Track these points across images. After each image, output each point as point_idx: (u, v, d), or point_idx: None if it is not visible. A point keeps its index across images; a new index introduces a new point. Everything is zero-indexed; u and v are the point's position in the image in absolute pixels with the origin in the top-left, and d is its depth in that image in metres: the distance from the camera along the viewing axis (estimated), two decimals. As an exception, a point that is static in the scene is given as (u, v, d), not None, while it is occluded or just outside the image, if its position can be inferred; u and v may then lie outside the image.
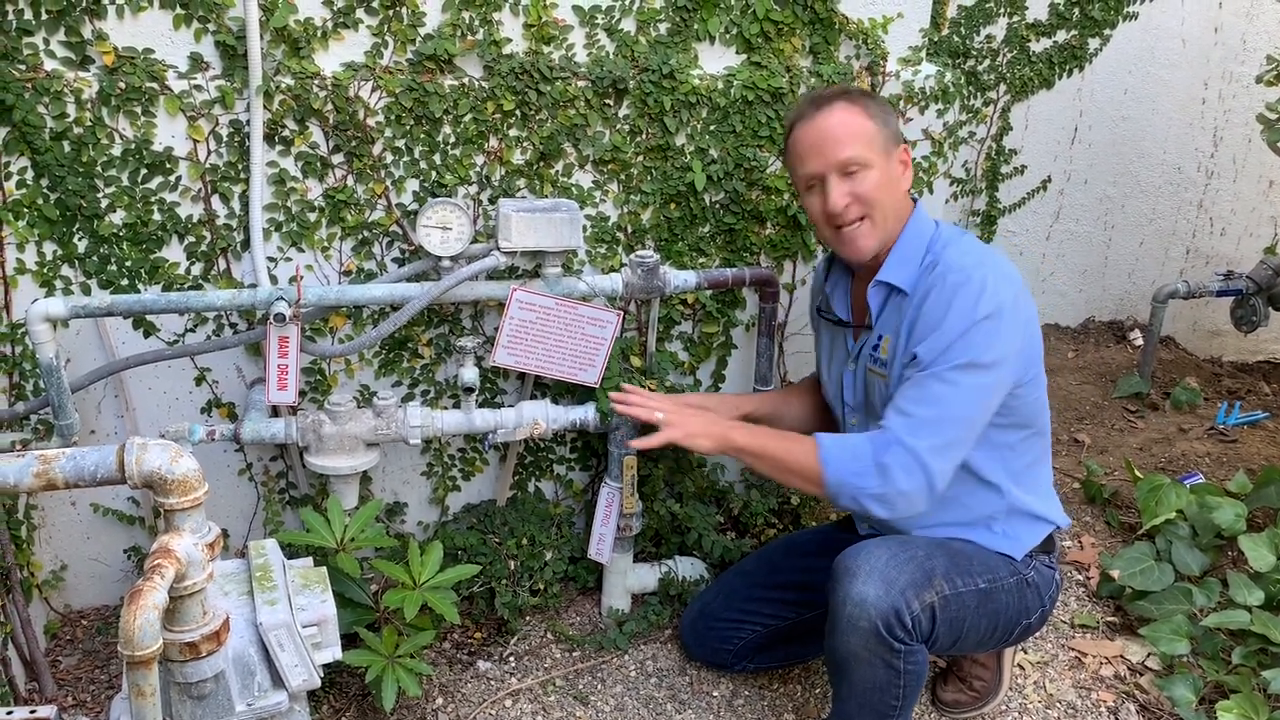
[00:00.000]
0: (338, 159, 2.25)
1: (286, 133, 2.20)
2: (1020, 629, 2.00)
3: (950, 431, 1.80)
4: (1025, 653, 2.44)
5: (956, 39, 3.55)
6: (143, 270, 2.22)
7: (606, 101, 2.37)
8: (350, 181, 2.28)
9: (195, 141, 2.16)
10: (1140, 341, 4.16)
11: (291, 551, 2.10)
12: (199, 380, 2.37)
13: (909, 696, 1.87)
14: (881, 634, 1.78)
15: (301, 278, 2.16)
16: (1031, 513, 1.99)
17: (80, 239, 2.17)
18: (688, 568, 2.56)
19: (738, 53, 2.46)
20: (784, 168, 2.49)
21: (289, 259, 2.30)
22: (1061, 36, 3.75)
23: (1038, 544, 2.00)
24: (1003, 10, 3.60)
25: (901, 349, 1.89)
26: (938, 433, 1.79)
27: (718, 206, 2.53)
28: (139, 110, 2.10)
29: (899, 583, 1.79)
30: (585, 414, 2.39)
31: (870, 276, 1.98)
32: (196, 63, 2.13)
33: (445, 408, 2.49)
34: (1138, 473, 2.96)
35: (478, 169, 2.34)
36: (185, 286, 2.27)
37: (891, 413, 1.83)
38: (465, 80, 2.26)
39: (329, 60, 2.19)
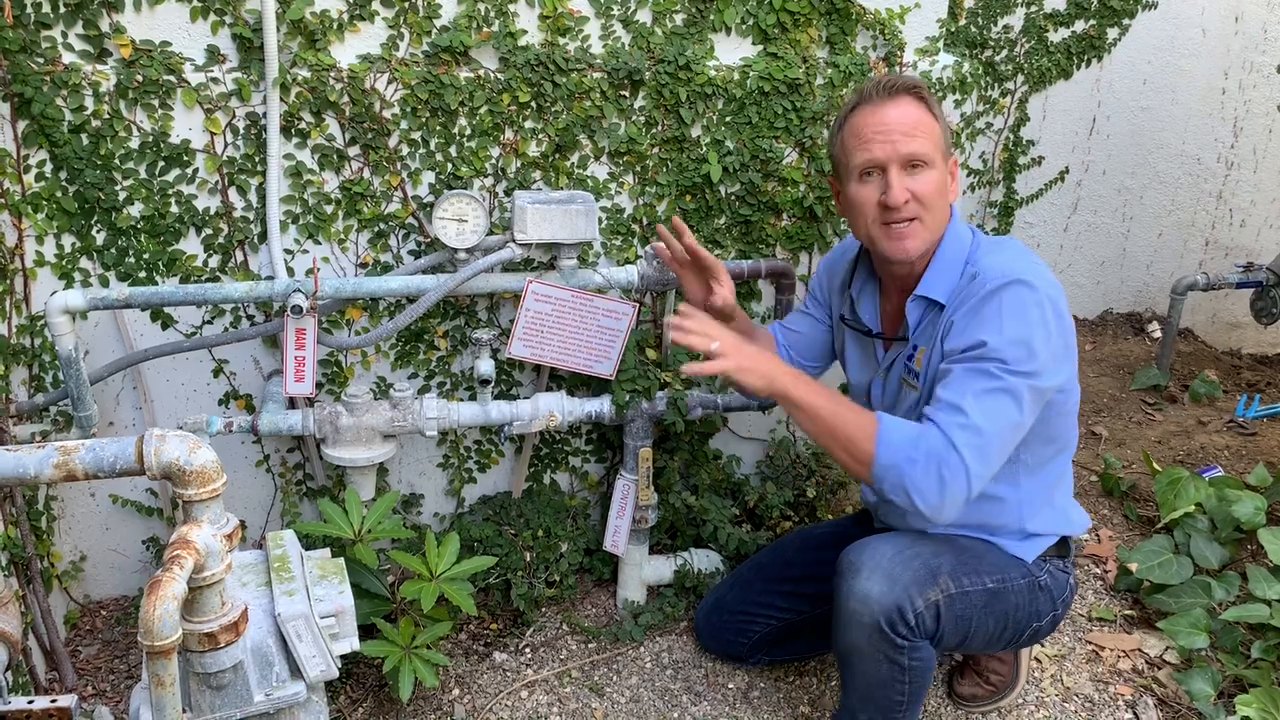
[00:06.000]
0: (354, 151, 2.26)
1: (303, 125, 2.20)
2: (1030, 631, 1.98)
3: (998, 443, 1.71)
4: (1042, 646, 2.43)
5: (974, 29, 3.52)
6: (160, 262, 2.23)
7: (622, 93, 2.36)
8: (366, 174, 2.28)
9: (212, 134, 2.17)
10: (1158, 334, 4.13)
11: (309, 542, 2.11)
12: (216, 372, 2.38)
13: (915, 693, 1.86)
14: (884, 630, 1.77)
15: (318, 270, 2.16)
16: (1042, 532, 1.96)
17: (99, 231, 2.18)
18: (703, 560, 2.56)
19: (754, 43, 2.45)
20: (805, 153, 2.48)
21: (306, 251, 2.30)
22: (1080, 26, 3.71)
23: (1050, 548, 1.97)
24: (1020, 0, 3.57)
25: (940, 355, 1.82)
26: (988, 440, 1.70)
27: (733, 198, 2.52)
28: (156, 103, 2.11)
29: (903, 579, 1.77)
30: (601, 406, 2.39)
31: (899, 285, 1.94)
32: (213, 55, 2.13)
33: (461, 400, 2.50)
34: (1156, 466, 2.94)
35: (493, 161, 2.34)
36: (203, 279, 2.28)
37: (945, 409, 1.72)
38: (481, 72, 2.26)
39: (345, 52, 2.19)
